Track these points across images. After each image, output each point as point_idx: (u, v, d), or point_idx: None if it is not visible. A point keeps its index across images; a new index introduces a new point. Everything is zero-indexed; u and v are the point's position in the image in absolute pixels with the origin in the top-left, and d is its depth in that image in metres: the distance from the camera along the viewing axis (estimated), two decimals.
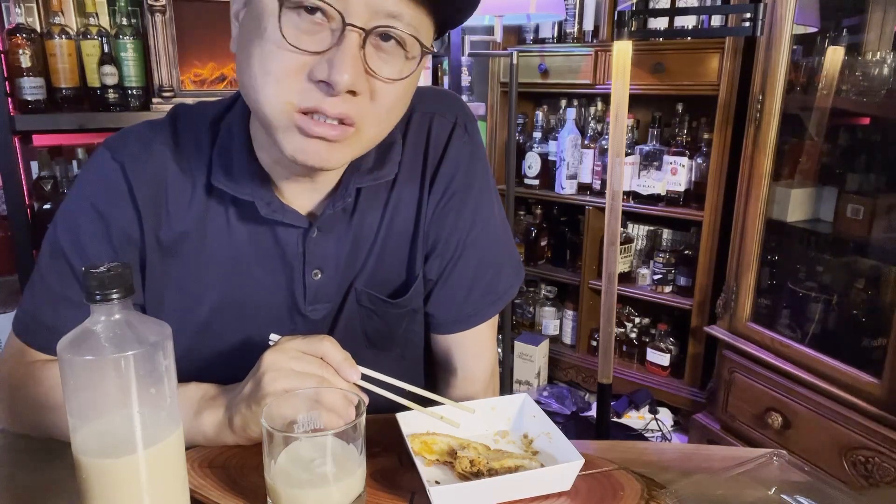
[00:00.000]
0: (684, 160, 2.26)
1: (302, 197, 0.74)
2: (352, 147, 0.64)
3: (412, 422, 0.69)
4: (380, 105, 0.62)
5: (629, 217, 2.53)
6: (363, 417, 0.57)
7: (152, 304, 0.74)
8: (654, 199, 2.35)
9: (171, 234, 0.72)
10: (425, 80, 2.17)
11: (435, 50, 0.73)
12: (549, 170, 2.62)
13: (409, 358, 0.87)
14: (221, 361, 0.76)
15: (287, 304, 0.77)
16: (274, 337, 0.68)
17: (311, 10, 0.57)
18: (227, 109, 0.74)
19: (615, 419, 2.31)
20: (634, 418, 2.36)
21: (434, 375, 0.90)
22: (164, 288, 0.74)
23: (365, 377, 0.66)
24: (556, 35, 2.53)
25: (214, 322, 0.76)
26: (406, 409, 0.69)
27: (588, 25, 2.43)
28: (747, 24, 1.54)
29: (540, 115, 2.66)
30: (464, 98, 1.55)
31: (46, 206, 1.62)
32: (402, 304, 0.80)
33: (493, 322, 0.86)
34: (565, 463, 0.62)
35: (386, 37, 0.60)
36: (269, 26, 0.58)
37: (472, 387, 0.85)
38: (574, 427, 2.31)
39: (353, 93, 0.59)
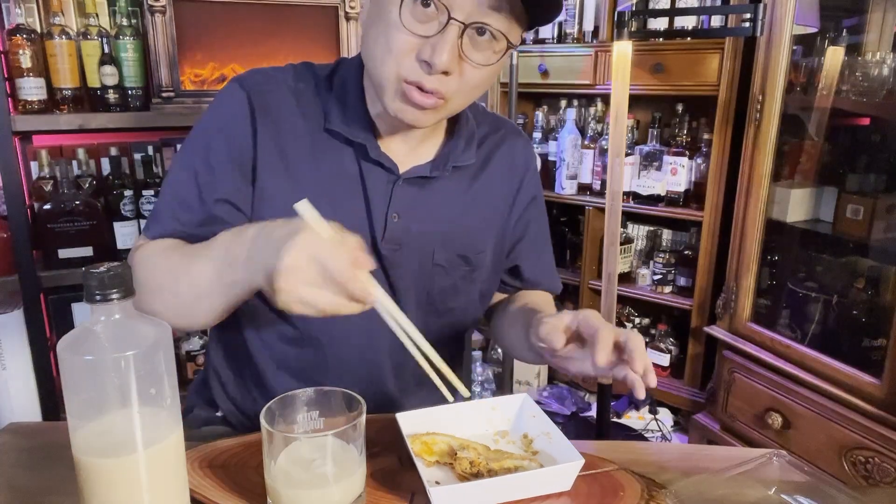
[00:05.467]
0: (684, 160, 2.25)
1: (396, 150, 0.85)
2: (439, 114, 0.79)
3: (412, 422, 0.69)
4: (466, 84, 0.76)
5: (629, 217, 2.52)
6: (363, 417, 0.57)
7: (256, 218, 0.82)
8: (654, 199, 2.35)
9: (282, 158, 0.82)
10: None
11: (518, 45, 0.88)
12: (549, 170, 2.62)
13: (457, 328, 0.96)
14: None
15: (367, 238, 0.84)
16: (301, 205, 0.61)
17: (426, 3, 0.71)
18: (333, 70, 0.87)
19: (615, 419, 2.31)
20: (634, 418, 2.36)
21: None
22: (264, 206, 0.82)
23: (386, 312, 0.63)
24: (556, 35, 2.53)
25: None
26: (406, 409, 0.69)
27: (588, 26, 2.43)
28: (747, 24, 1.54)
29: (540, 115, 2.66)
30: None
31: (46, 206, 1.62)
32: (477, 264, 0.92)
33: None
34: (565, 463, 0.62)
35: (481, 31, 0.73)
36: (392, 11, 0.72)
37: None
38: (574, 427, 2.31)
39: (446, 73, 0.72)
